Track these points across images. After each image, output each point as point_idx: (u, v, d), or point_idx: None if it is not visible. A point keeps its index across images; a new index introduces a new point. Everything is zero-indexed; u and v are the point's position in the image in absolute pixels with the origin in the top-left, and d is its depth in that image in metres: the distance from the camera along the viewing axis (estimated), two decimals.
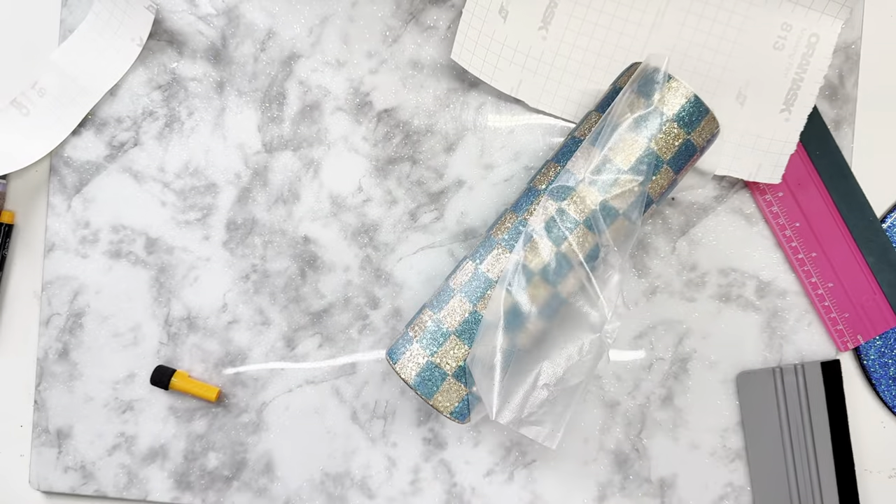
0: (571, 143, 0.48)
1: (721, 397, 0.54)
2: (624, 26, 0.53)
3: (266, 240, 0.56)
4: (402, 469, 0.55)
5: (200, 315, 0.56)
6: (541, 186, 0.48)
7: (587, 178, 0.45)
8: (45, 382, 0.57)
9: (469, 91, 0.56)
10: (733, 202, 0.55)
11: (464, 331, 0.46)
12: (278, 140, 0.56)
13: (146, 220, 0.57)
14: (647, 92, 0.45)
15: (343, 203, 0.56)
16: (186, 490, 0.56)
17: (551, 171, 0.48)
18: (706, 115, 0.45)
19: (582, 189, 0.45)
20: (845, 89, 0.54)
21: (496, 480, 0.55)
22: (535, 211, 0.46)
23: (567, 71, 0.54)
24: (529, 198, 0.48)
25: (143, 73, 0.57)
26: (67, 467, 0.57)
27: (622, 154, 0.45)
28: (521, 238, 0.46)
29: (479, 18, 0.53)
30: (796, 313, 0.54)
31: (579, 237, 0.45)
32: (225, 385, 0.56)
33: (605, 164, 0.45)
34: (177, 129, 0.57)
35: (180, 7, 0.57)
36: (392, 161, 0.56)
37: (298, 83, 0.56)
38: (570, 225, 0.45)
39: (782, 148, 0.52)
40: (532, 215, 0.46)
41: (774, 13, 0.52)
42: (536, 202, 0.47)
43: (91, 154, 0.57)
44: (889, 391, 0.54)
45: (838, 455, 0.52)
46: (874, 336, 0.53)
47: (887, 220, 0.54)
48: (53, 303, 0.57)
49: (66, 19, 0.57)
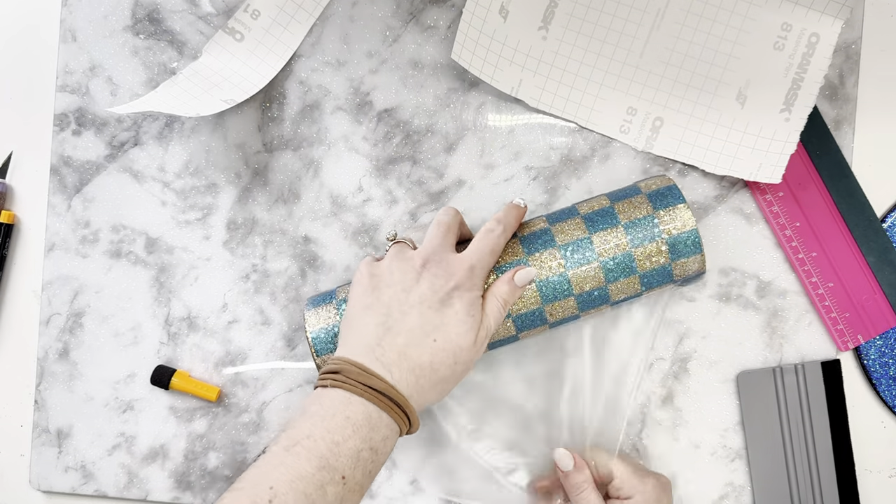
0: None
1: (721, 397, 0.54)
2: (624, 26, 0.53)
3: (266, 239, 0.56)
4: (402, 469, 0.55)
5: (200, 315, 0.56)
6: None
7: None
8: (45, 382, 0.57)
9: (469, 91, 0.56)
10: (733, 202, 0.55)
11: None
12: (278, 140, 0.56)
13: (146, 219, 0.57)
14: (656, 204, 0.47)
15: (343, 203, 0.56)
16: (186, 490, 0.56)
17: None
18: (698, 252, 0.47)
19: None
20: (845, 89, 0.54)
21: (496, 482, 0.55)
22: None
23: (567, 71, 0.54)
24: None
25: (143, 73, 0.57)
26: (67, 467, 0.57)
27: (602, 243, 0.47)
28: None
29: (479, 18, 0.53)
30: (796, 313, 0.54)
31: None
32: (225, 385, 0.56)
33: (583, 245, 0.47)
34: (177, 129, 0.57)
35: (180, 7, 0.57)
36: (392, 161, 0.56)
37: (298, 83, 0.56)
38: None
39: (782, 148, 0.52)
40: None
41: (774, 13, 0.52)
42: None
43: (91, 154, 0.57)
44: (889, 391, 0.54)
45: (838, 455, 0.52)
46: (874, 336, 0.53)
47: (887, 220, 0.54)
48: (53, 302, 0.57)
49: (65, 19, 0.57)
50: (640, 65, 0.54)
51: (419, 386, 0.42)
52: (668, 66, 0.53)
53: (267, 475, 0.37)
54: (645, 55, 0.54)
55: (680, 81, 0.53)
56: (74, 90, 0.57)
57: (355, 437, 0.38)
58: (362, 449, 0.39)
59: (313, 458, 0.37)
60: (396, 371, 0.41)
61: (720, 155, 0.53)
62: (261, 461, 0.38)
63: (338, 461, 0.38)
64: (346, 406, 0.39)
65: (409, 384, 0.41)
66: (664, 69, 0.53)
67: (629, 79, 0.54)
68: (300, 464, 0.37)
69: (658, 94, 0.54)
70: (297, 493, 0.36)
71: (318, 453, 0.37)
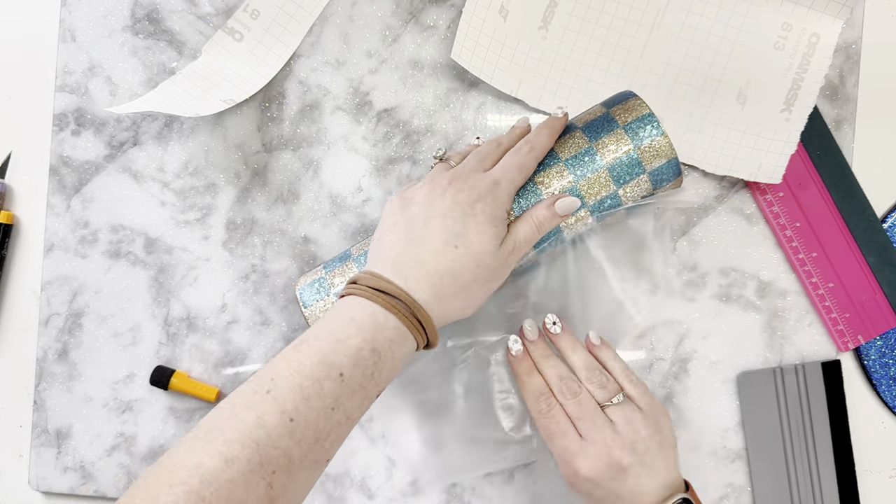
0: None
1: (721, 397, 0.54)
2: (624, 26, 0.53)
3: (266, 240, 0.56)
4: (401, 469, 0.55)
5: (200, 315, 0.56)
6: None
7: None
8: (44, 382, 0.57)
9: (469, 91, 0.56)
10: (733, 202, 0.54)
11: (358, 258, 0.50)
12: (278, 140, 0.56)
13: (145, 220, 0.57)
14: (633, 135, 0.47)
15: (343, 203, 0.56)
16: None
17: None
18: (676, 174, 0.47)
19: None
20: (846, 89, 0.54)
21: (496, 480, 0.55)
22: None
23: (567, 71, 0.54)
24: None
25: (142, 73, 0.57)
26: (67, 467, 0.57)
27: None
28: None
29: (479, 18, 0.53)
30: (797, 313, 0.54)
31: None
32: (225, 385, 0.56)
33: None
34: (176, 129, 0.57)
35: (180, 7, 0.57)
36: (392, 161, 0.56)
37: (298, 83, 0.56)
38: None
39: (783, 148, 0.52)
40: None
41: (775, 13, 0.52)
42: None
43: (90, 154, 0.57)
44: (889, 391, 0.54)
45: (838, 455, 0.52)
46: (874, 336, 0.53)
47: (887, 220, 0.54)
48: (53, 303, 0.57)
49: (65, 19, 0.57)
50: (640, 65, 0.54)
51: (437, 293, 0.42)
52: (668, 66, 0.53)
53: (271, 368, 0.38)
54: (645, 55, 0.53)
55: (680, 81, 0.53)
56: (74, 90, 0.57)
57: (357, 336, 0.39)
58: (363, 348, 0.39)
59: (314, 354, 0.38)
60: (412, 278, 0.41)
61: (720, 155, 0.53)
62: (272, 359, 0.39)
63: (336, 358, 0.38)
64: (352, 308, 0.40)
65: (425, 290, 0.41)
66: (664, 69, 0.53)
67: (629, 79, 0.54)
68: (301, 359, 0.38)
69: (658, 94, 0.54)
70: (292, 384, 0.37)
71: (318, 349, 0.39)
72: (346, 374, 0.38)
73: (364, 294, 0.41)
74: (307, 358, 0.38)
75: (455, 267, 0.42)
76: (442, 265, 0.42)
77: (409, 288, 0.41)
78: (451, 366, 0.53)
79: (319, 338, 0.39)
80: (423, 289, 0.41)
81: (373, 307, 0.40)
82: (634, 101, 0.47)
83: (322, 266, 0.51)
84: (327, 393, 0.38)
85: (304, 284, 0.50)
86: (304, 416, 0.37)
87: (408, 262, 0.42)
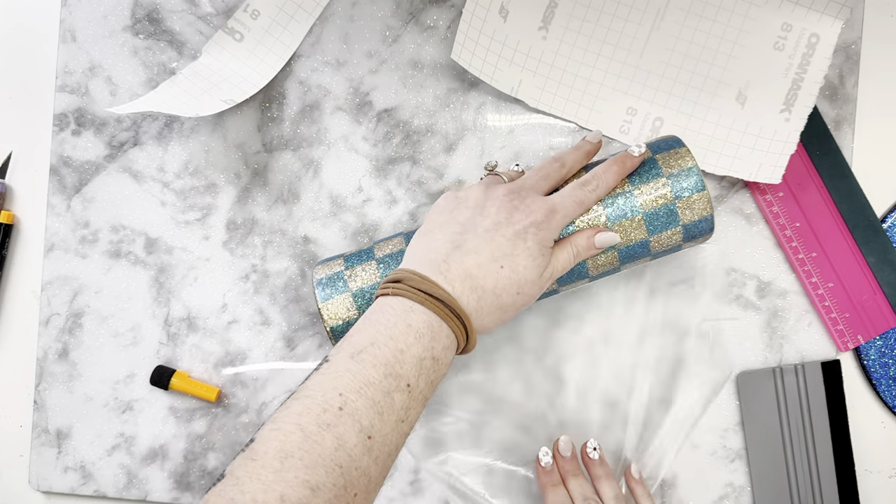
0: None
1: (721, 397, 0.54)
2: (624, 26, 0.53)
3: (266, 240, 0.56)
4: (401, 469, 0.55)
5: (200, 315, 0.56)
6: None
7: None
8: (44, 382, 0.57)
9: (469, 91, 0.56)
10: (733, 202, 0.55)
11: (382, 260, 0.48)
12: (278, 140, 0.56)
13: (146, 220, 0.57)
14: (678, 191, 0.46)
15: (343, 203, 0.56)
16: (186, 490, 0.56)
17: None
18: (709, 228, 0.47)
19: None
20: (845, 89, 0.54)
21: (497, 480, 0.55)
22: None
23: (567, 71, 0.54)
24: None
25: (142, 73, 0.57)
26: (67, 467, 0.57)
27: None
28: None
29: (479, 18, 0.53)
30: (796, 313, 0.54)
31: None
32: (225, 385, 0.56)
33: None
34: (176, 129, 0.57)
35: (180, 7, 0.57)
36: (392, 161, 0.56)
37: (298, 83, 0.56)
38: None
39: (782, 148, 0.52)
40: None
41: (774, 13, 0.52)
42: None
43: (91, 154, 0.57)
44: (889, 391, 0.54)
45: (838, 455, 0.52)
46: (874, 336, 0.53)
47: (887, 220, 0.54)
48: (53, 303, 0.57)
49: (65, 19, 0.57)
50: (640, 65, 0.54)
51: (479, 307, 0.41)
52: (668, 66, 0.53)
53: (334, 382, 0.36)
54: (645, 55, 0.53)
55: (680, 81, 0.53)
56: (74, 90, 0.57)
57: (417, 344, 0.38)
58: (424, 357, 0.38)
59: (379, 366, 0.37)
60: (459, 287, 0.41)
61: (720, 155, 0.53)
62: (324, 368, 0.37)
63: (402, 368, 0.37)
64: (407, 314, 0.39)
65: (471, 302, 0.41)
66: (664, 69, 0.53)
67: (629, 79, 0.54)
68: (366, 371, 0.36)
69: (658, 94, 0.54)
70: (366, 399, 0.35)
71: (383, 360, 0.37)
72: (412, 383, 0.37)
73: (415, 298, 0.39)
74: (372, 370, 0.37)
75: (498, 286, 0.41)
76: (488, 282, 0.41)
77: (457, 296, 0.40)
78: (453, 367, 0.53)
79: (379, 345, 0.37)
80: (469, 300, 0.41)
81: (429, 315, 0.39)
82: (681, 151, 0.47)
83: (342, 258, 0.49)
84: (398, 405, 0.37)
85: (324, 277, 0.48)
86: (380, 432, 0.36)
87: (456, 269, 0.41)
